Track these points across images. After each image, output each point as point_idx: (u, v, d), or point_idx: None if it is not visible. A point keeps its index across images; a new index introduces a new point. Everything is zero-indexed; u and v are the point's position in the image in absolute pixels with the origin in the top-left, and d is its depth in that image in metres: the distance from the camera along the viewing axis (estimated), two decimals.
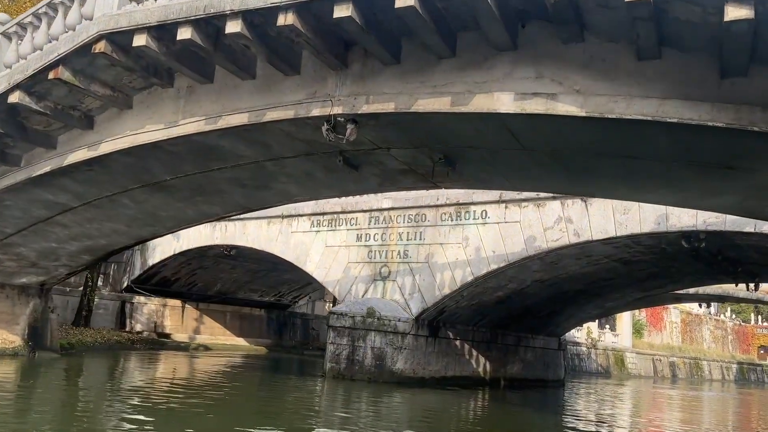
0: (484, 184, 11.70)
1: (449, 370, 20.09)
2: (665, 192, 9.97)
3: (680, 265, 19.09)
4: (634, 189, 10.24)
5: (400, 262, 19.46)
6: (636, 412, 21.74)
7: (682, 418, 20.51)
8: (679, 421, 19.35)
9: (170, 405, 12.03)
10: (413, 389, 18.16)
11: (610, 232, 15.61)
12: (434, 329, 19.49)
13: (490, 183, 11.75)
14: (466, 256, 18.06)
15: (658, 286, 22.81)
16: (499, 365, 22.59)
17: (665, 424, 18.41)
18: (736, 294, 26.31)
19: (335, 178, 12.23)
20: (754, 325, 74.56)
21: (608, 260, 18.25)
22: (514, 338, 23.41)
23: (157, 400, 12.59)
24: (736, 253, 16.47)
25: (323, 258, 21.42)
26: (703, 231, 14.29)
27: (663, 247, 16.29)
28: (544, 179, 10.86)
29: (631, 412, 21.27)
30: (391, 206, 19.92)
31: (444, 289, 18.34)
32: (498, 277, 18.19)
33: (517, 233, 17.20)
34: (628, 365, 50.08)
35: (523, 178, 10.99)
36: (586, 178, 10.29)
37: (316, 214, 21.93)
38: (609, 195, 11.86)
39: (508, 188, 14.36)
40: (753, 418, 23.59)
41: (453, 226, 18.55)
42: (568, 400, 22.70)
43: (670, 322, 60.15)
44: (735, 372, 64.80)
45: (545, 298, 21.51)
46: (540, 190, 12.82)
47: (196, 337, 29.79)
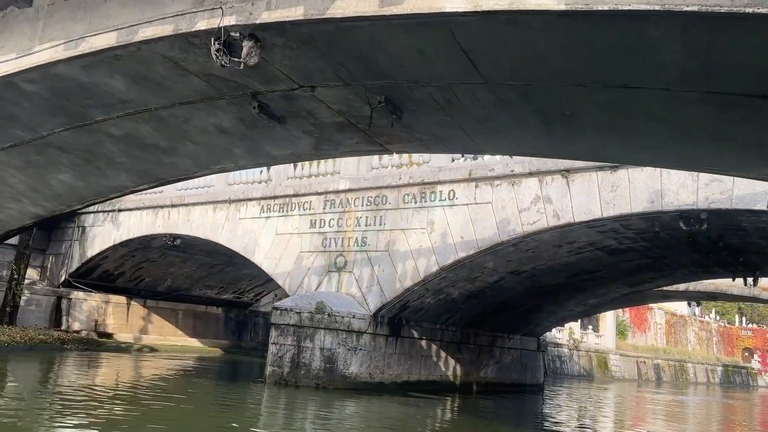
0: (443, 145, 9.34)
1: (413, 374, 17.73)
2: (668, 146, 7.67)
3: (674, 255, 16.91)
4: (628, 143, 7.93)
5: (357, 251, 17.07)
6: (620, 421, 19.55)
7: (669, 427, 18.36)
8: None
9: (53, 421, 9.50)
10: (369, 396, 15.78)
11: (595, 213, 13.35)
12: (396, 327, 17.12)
13: (449, 142, 9.37)
14: (431, 243, 15.71)
15: (647, 281, 20.66)
16: (471, 368, 20.27)
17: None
18: (730, 291, 24.35)
19: (257, 137, 9.81)
20: (738, 327, 73.25)
21: (592, 249, 16.01)
22: (488, 338, 21.12)
23: (40, 415, 10.05)
24: (739, 239, 14.31)
25: (273, 247, 18.97)
26: (705, 210, 12.08)
27: (656, 232, 14.07)
28: (515, 135, 8.52)
29: (614, 421, 19.07)
30: (348, 187, 17.52)
31: (406, 281, 15.98)
32: (467, 267, 15.86)
33: (488, 216, 14.89)
34: (611, 368, 48.14)
35: (490, 133, 8.64)
36: (567, 131, 7.96)
37: (266, 198, 19.48)
38: (596, 155, 9.54)
39: (472, 150, 12.02)
40: (741, 427, 21.54)
41: (417, 209, 16.20)
42: (547, 407, 20.44)
43: (654, 323, 58.42)
44: (720, 375, 63.32)
45: (522, 293, 19.23)
46: (512, 152, 10.53)
47: (142, 338, 27.11)
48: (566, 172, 13.78)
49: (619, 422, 19.06)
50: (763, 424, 22.79)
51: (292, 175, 19.31)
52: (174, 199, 22.13)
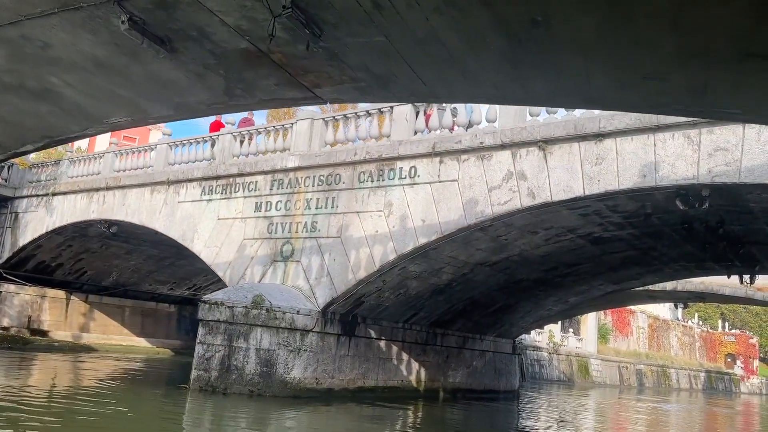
0: (384, 88, 7.18)
1: (369, 379, 15.57)
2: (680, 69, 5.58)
3: (665, 247, 14.96)
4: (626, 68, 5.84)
5: (306, 237, 14.89)
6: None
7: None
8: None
9: None
10: (316, 405, 13.61)
11: (576, 191, 11.32)
12: (349, 326, 14.96)
13: (392, 84, 7.17)
14: (389, 228, 13.58)
15: (633, 278, 18.72)
16: (438, 373, 18.17)
17: None
18: (721, 291, 22.59)
19: (147, 76, 7.61)
20: (721, 332, 72.08)
21: (573, 237, 14.00)
22: (457, 339, 19.04)
23: None
24: (742, 225, 12.38)
25: (214, 234, 16.72)
26: (708, 185, 10.09)
27: (647, 215, 12.09)
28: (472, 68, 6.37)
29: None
30: (298, 165, 15.33)
31: (359, 271, 13.83)
32: (430, 256, 13.76)
33: (453, 196, 12.80)
34: (592, 373, 46.37)
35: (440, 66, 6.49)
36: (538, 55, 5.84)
37: (208, 178, 17.23)
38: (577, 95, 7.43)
39: (422, 95, 9.84)
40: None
41: (373, 189, 14.06)
42: (522, 416, 18.40)
43: (637, 327, 56.86)
44: (703, 381, 61.97)
45: (495, 289, 17.18)
46: (470, 95, 8.37)
47: (82, 336, 24.65)
48: (543, 144, 11.73)
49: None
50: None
51: (238, 152, 17.10)
52: (109, 180, 19.80)
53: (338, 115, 15.41)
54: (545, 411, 20.18)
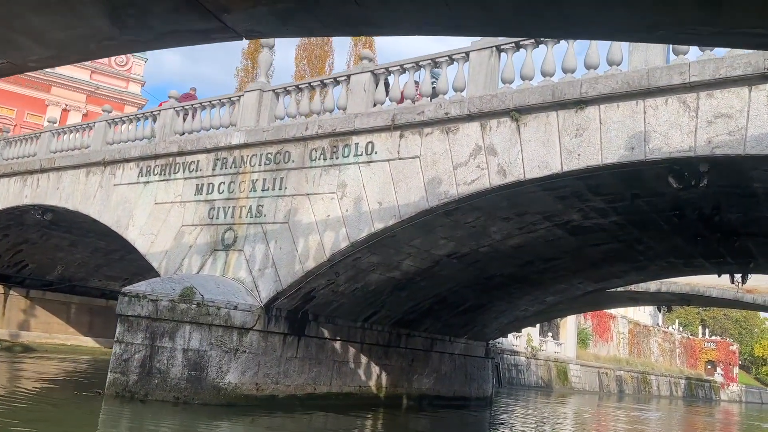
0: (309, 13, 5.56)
1: (321, 385, 13.84)
2: None
3: (653, 239, 13.46)
4: None
5: (250, 223, 13.14)
6: None
7: None
8: None
9: None
10: (256, 414, 11.88)
11: (552, 167, 9.72)
12: (298, 324, 13.23)
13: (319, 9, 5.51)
14: (342, 212, 11.89)
15: (616, 276, 17.22)
16: (402, 378, 16.48)
17: None
18: (708, 293, 21.24)
19: None
20: (701, 339, 71.31)
21: (550, 225, 12.42)
22: (424, 341, 17.38)
23: None
24: (741, 212, 10.88)
25: (150, 220, 14.91)
26: (706, 158, 8.54)
27: (633, 197, 10.55)
28: None
29: None
30: (244, 142, 13.58)
31: (307, 261, 12.11)
32: (389, 245, 12.10)
33: (414, 174, 11.15)
34: (571, 379, 45.01)
35: None
36: None
37: (146, 157, 15.41)
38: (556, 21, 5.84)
39: (357, 26, 8.20)
40: None
41: (326, 168, 12.36)
42: (492, 426, 16.80)
43: (617, 332, 55.72)
44: (683, 388, 61.00)
45: (464, 285, 15.55)
46: (418, 26, 6.87)
47: (20, 334, 22.62)
48: (516, 114, 10.12)
49: None
50: None
51: (181, 128, 15.31)
52: (44, 162, 17.87)
53: (290, 85, 13.68)
54: (520, 420, 18.59)
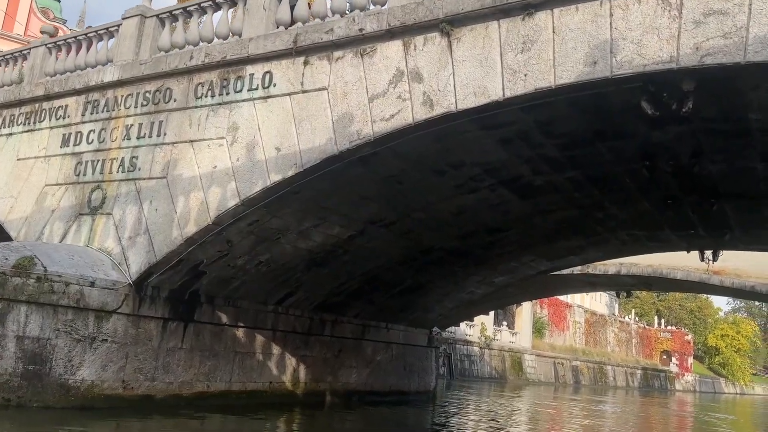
0: None
1: (218, 381, 11.28)
2: None
3: (615, 203, 11.32)
4: None
5: (122, 180, 10.46)
6: None
7: None
8: None
9: None
10: (121, 419, 9.29)
11: (492, 93, 7.37)
12: (186, 307, 10.64)
13: None
14: (231, 162, 9.34)
15: (572, 252, 15.11)
16: (325, 371, 14.05)
17: None
18: (672, 275, 19.49)
19: None
20: (657, 329, 71.06)
21: (494, 183, 10.12)
22: (354, 328, 14.97)
23: None
24: (726, 160, 8.75)
25: (11, 181, 12.05)
26: (692, 72, 6.31)
27: (595, 135, 8.29)
28: None
29: None
30: (118, 78, 10.85)
31: (188, 225, 9.53)
32: (291, 205, 9.61)
33: (321, 111, 8.67)
34: (526, 369, 43.46)
35: None
36: None
37: (9, 104, 12.53)
38: None
39: None
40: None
41: (214, 108, 9.77)
42: (430, 427, 14.53)
43: (573, 321, 54.58)
44: (639, 378, 60.41)
45: (398, 261, 13.19)
46: None
47: None
48: (448, 26, 7.72)
49: None
50: None
51: (52, 69, 12.45)
52: None
53: (176, 8, 10.97)
54: (465, 419, 16.38)
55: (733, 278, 18.24)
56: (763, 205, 10.70)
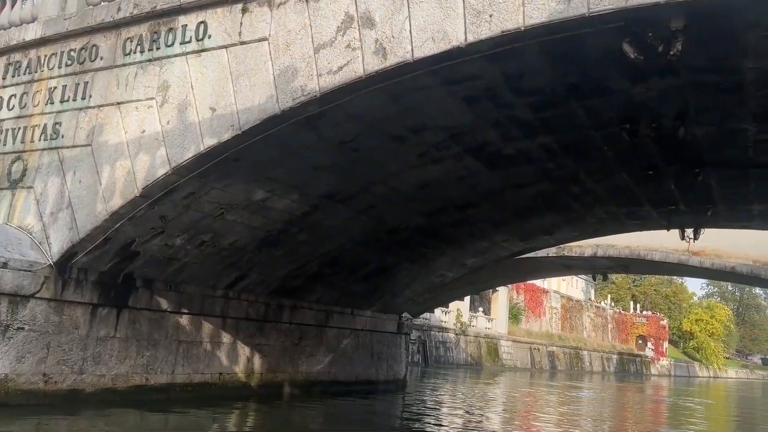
0: None
1: (159, 373, 10.22)
2: None
3: (591, 175, 10.44)
4: None
5: (44, 149, 9.28)
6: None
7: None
8: None
9: None
10: (42, 416, 8.22)
11: (453, 38, 6.37)
12: (119, 291, 9.55)
13: None
14: (161, 125, 8.23)
15: (545, 231, 14.24)
16: (284, 360, 13.05)
17: None
18: (649, 256, 18.81)
19: None
20: (633, 314, 71.28)
21: (460, 150, 9.16)
22: (316, 314, 13.98)
23: None
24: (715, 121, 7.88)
25: None
26: (684, 1, 5.36)
27: (569, 90, 7.35)
28: None
29: None
30: (41, 35, 9.62)
31: (113, 198, 8.41)
32: (234, 175, 8.55)
33: (261, 65, 7.60)
34: (502, 355, 42.99)
35: None
36: None
37: None
38: None
39: None
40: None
41: (143, 65, 8.63)
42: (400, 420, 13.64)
43: (550, 307, 54.29)
44: (615, 363, 60.48)
45: (361, 242, 12.21)
46: None
47: None
48: None
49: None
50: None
51: None
52: None
53: None
54: (436, 410, 15.53)
55: (713, 259, 17.62)
56: (750, 176, 9.92)
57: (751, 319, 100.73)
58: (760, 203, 11.26)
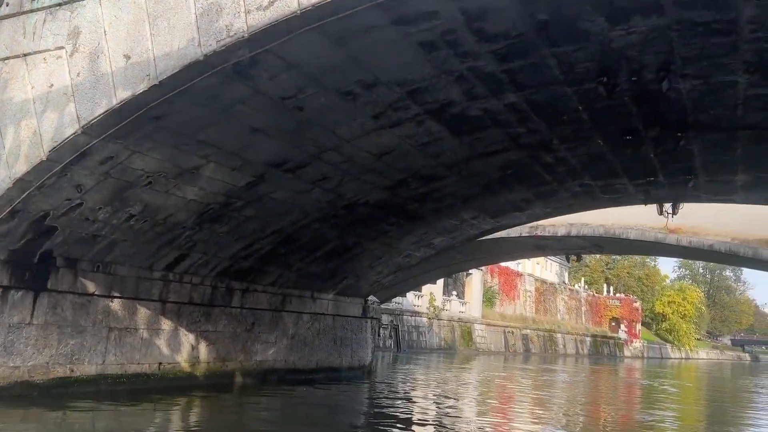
0: None
1: (86, 364, 9.14)
2: None
3: (565, 141, 9.53)
4: None
5: None
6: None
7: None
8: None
9: None
10: None
11: None
12: (35, 272, 8.42)
13: None
14: (71, 77, 7.08)
15: (516, 207, 13.36)
16: (235, 348, 12.04)
17: None
18: (624, 235, 18.11)
19: None
20: (606, 297, 71.50)
21: (420, 113, 8.15)
22: (272, 298, 12.96)
23: None
24: (701, 74, 6.98)
25: None
26: None
27: (538, 34, 6.38)
28: None
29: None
30: None
31: (18, 163, 7.26)
32: (159, 137, 7.44)
33: (182, 4, 6.47)
34: (476, 339, 42.46)
35: None
36: None
37: None
38: None
39: None
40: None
41: (52, 11, 7.44)
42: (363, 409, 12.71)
43: (524, 290, 53.95)
44: (589, 345, 60.58)
45: (317, 218, 11.18)
46: None
47: None
48: None
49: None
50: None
51: None
52: None
53: None
54: (400, 397, 14.65)
55: (691, 236, 16.98)
56: (737, 140, 9.11)
57: (721, 301, 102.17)
58: (745, 173, 10.50)
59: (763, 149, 9.56)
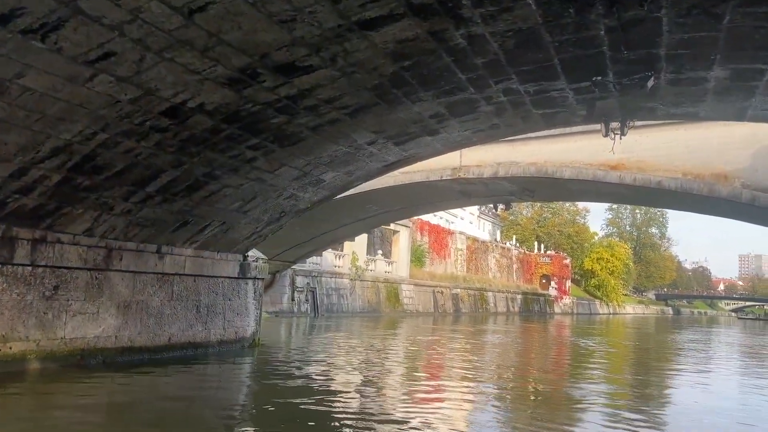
0: None
1: None
2: None
3: (482, 3, 6.30)
4: None
5: None
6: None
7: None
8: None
9: None
10: None
11: None
12: None
13: None
14: None
15: (426, 128, 10.12)
16: (25, 323, 8.46)
17: None
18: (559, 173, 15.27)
19: None
20: (537, 254, 70.69)
21: None
22: (86, 252, 9.35)
23: None
24: None
25: None
26: None
27: None
28: None
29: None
30: None
31: None
32: None
33: None
34: (403, 300, 39.94)
35: None
36: None
37: None
38: None
39: None
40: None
41: None
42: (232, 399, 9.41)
43: (455, 249, 51.78)
44: (520, 303, 59.50)
45: (118, 130, 7.59)
46: None
47: None
48: None
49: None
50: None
51: None
52: None
53: None
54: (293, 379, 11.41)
55: (636, 173, 14.40)
56: (725, 2, 6.14)
57: (646, 258, 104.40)
58: (723, 65, 7.63)
59: (754, 25, 6.68)
